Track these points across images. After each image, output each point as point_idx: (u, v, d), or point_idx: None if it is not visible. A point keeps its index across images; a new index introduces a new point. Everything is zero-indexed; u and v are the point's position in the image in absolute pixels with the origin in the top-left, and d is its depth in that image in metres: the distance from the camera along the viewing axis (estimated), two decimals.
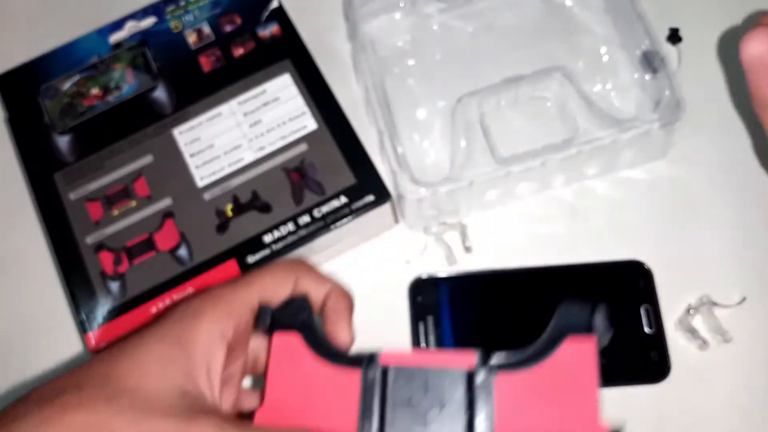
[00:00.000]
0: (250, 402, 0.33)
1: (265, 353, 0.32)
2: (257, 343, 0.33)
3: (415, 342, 0.43)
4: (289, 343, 0.31)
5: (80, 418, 0.26)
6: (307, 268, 0.33)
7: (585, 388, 0.29)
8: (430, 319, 0.43)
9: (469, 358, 0.29)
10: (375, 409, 0.29)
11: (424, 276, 0.44)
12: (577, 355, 0.29)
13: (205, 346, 0.29)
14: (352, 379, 0.30)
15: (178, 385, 0.28)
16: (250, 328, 0.32)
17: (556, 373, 0.29)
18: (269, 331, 0.32)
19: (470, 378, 0.29)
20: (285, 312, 0.32)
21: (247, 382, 0.34)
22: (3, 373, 0.46)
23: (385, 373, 0.30)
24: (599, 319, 0.30)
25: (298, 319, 0.31)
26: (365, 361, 0.30)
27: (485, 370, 0.29)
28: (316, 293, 0.33)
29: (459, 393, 0.29)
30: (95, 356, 0.30)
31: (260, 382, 0.31)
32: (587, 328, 0.30)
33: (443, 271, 0.45)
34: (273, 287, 0.32)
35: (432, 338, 0.43)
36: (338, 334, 0.32)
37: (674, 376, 0.41)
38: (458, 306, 0.43)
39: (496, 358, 0.30)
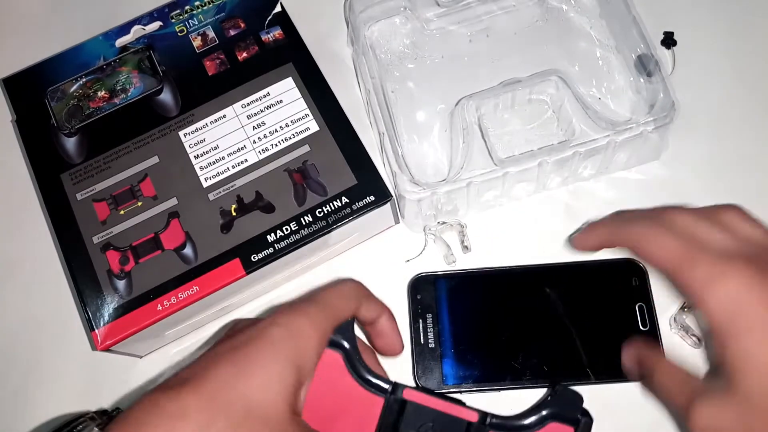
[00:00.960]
0: None
1: None
2: None
3: (415, 338, 0.44)
4: (333, 360, 0.35)
5: None
6: (367, 292, 0.37)
7: None
8: (429, 317, 0.44)
9: (473, 414, 0.35)
10: (389, 430, 0.35)
11: (424, 274, 0.45)
12: None
13: (312, 366, 0.33)
14: (376, 402, 0.35)
15: (290, 402, 0.31)
16: None
17: None
18: None
19: (468, 428, 0.35)
20: (335, 332, 0.35)
21: None
22: (12, 370, 0.47)
23: (403, 404, 0.35)
24: (584, 422, 0.35)
25: (345, 340, 0.35)
26: (391, 389, 0.35)
27: (483, 426, 0.35)
28: (370, 314, 0.37)
29: None
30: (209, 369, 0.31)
31: None
32: (574, 421, 0.35)
33: (442, 269, 0.46)
34: (343, 311, 0.35)
35: (431, 335, 0.44)
36: (395, 346, 0.39)
37: None
38: (457, 304, 0.44)
39: (493, 420, 0.35)
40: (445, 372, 0.43)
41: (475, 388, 0.42)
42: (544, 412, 0.35)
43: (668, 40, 0.44)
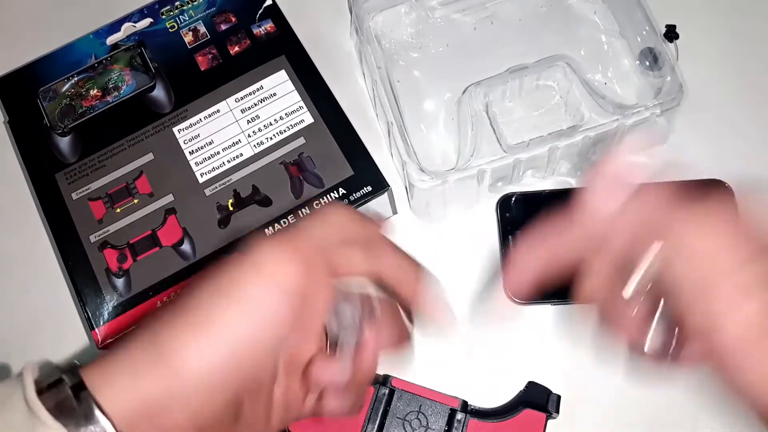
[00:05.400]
0: None
1: None
2: None
3: (506, 254, 0.44)
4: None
5: None
6: (356, 215, 0.31)
7: None
8: (518, 234, 0.45)
9: (455, 401, 0.40)
10: (378, 416, 0.39)
11: (510, 193, 0.46)
12: (532, 422, 0.39)
13: (299, 294, 0.29)
14: (367, 391, 0.39)
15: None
16: None
17: (514, 430, 0.39)
18: None
19: (452, 414, 0.40)
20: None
21: None
22: (13, 371, 0.47)
23: (392, 392, 0.40)
24: (551, 402, 0.40)
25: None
26: (380, 380, 0.40)
27: (464, 412, 0.40)
28: (362, 235, 0.31)
29: (441, 422, 0.40)
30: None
31: None
32: (543, 407, 0.40)
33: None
34: (329, 237, 0.30)
35: None
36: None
37: None
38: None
39: (473, 407, 0.40)
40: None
41: (564, 302, 0.43)
42: (518, 402, 0.40)
43: (670, 33, 0.44)
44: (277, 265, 0.28)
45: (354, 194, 0.44)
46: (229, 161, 0.46)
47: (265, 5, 0.50)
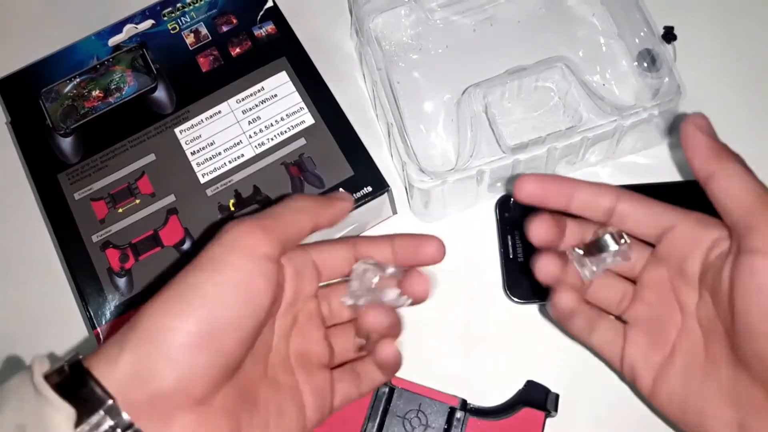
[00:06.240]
0: None
1: None
2: None
3: (504, 253, 0.45)
4: None
5: None
6: (321, 203, 0.35)
7: None
8: (517, 233, 0.45)
9: (454, 400, 0.40)
10: (378, 415, 0.40)
11: (509, 194, 0.46)
12: (530, 421, 0.39)
13: (270, 272, 0.32)
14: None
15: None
16: None
17: (513, 429, 0.39)
18: None
19: (451, 413, 0.40)
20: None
21: None
22: (14, 372, 0.47)
23: (392, 391, 0.40)
24: (550, 401, 0.40)
25: None
26: None
27: (464, 411, 0.40)
28: (330, 220, 0.35)
29: (441, 421, 0.40)
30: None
31: None
32: (542, 406, 0.40)
33: None
34: (296, 223, 0.33)
35: (520, 250, 0.45)
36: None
37: None
38: None
39: (473, 406, 0.40)
40: (533, 284, 0.43)
41: None
42: (517, 401, 0.41)
43: (668, 35, 0.45)
44: (250, 239, 0.31)
45: (354, 194, 0.44)
46: (230, 162, 0.46)
47: (266, 7, 0.50)
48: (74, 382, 0.27)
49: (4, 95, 0.50)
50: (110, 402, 0.27)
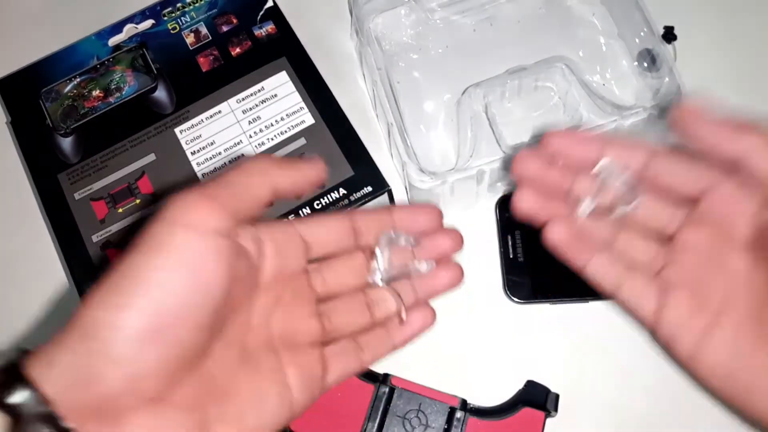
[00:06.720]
0: None
1: None
2: None
3: (504, 253, 0.45)
4: None
5: None
6: (279, 163, 0.30)
7: None
8: (517, 233, 0.46)
9: (454, 400, 0.40)
10: (378, 414, 0.40)
11: (510, 193, 0.46)
12: (530, 421, 0.40)
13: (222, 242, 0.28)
14: (367, 389, 0.40)
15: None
16: None
17: (513, 429, 0.39)
18: None
19: (451, 413, 0.40)
20: None
21: None
22: None
23: (392, 390, 0.40)
24: (550, 401, 0.40)
25: None
26: (380, 378, 0.41)
27: (464, 411, 0.40)
28: (290, 183, 0.31)
29: (441, 421, 0.40)
30: None
31: None
32: (542, 406, 0.40)
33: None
34: (250, 187, 0.29)
35: (520, 250, 0.45)
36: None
37: None
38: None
39: (473, 405, 0.41)
40: (533, 285, 0.43)
41: (563, 300, 0.44)
42: (517, 401, 0.41)
43: (668, 35, 0.45)
44: (195, 213, 0.27)
45: (354, 194, 0.44)
46: (230, 162, 0.46)
47: (266, 7, 0.50)
48: (5, 386, 0.25)
49: (4, 95, 0.50)
50: (47, 408, 0.24)
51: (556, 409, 0.40)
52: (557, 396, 0.41)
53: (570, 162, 0.34)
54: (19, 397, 0.24)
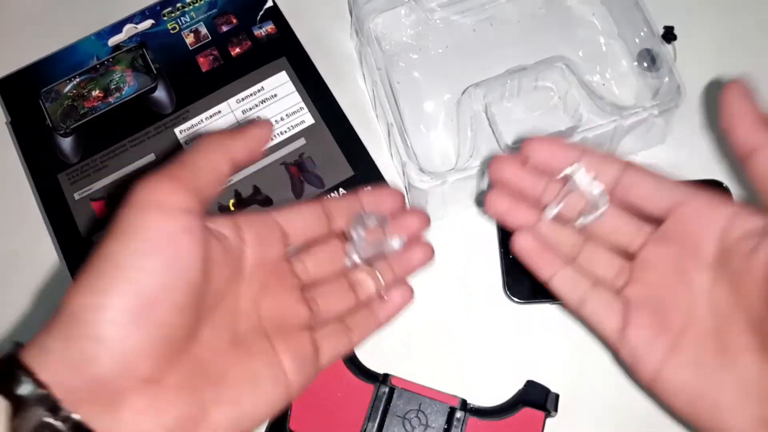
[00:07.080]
0: None
1: None
2: None
3: (505, 253, 0.45)
4: None
5: None
6: (230, 135, 0.32)
7: None
8: None
9: (454, 400, 0.40)
10: (378, 415, 0.40)
11: None
12: (530, 421, 0.39)
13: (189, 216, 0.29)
14: (367, 389, 0.40)
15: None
16: None
17: (513, 429, 0.39)
18: None
19: (451, 413, 0.40)
20: None
21: None
22: None
23: (392, 391, 0.40)
24: (550, 401, 0.40)
25: None
26: (380, 378, 0.41)
27: (464, 411, 0.40)
28: (244, 150, 0.32)
29: (441, 421, 0.40)
30: None
31: None
32: (542, 406, 0.40)
33: None
34: (207, 163, 0.31)
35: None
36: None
37: None
38: None
39: (473, 405, 0.40)
40: (533, 285, 0.43)
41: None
42: (517, 401, 0.40)
43: (668, 35, 0.45)
44: (159, 194, 0.28)
45: None
46: None
47: (266, 7, 0.51)
48: (5, 375, 0.26)
49: (4, 95, 0.50)
50: (44, 392, 0.25)
51: (556, 409, 0.40)
52: (557, 396, 0.41)
53: (546, 168, 0.35)
54: (23, 388, 0.25)
